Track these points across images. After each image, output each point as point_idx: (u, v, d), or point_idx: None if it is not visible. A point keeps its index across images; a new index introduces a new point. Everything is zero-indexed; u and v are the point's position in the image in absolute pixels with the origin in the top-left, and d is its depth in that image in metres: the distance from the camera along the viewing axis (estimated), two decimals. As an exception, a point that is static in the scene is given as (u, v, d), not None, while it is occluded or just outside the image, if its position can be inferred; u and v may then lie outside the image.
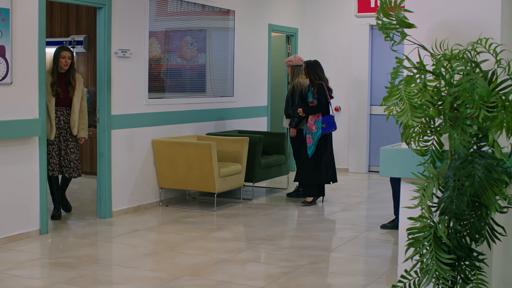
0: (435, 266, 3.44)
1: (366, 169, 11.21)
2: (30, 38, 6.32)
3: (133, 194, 7.72)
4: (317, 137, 8.17)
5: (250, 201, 8.53)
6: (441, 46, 3.59)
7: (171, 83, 8.44)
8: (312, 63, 8.33)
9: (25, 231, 6.37)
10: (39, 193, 6.49)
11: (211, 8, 9.00)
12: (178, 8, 8.46)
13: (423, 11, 3.76)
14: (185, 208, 8.03)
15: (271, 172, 8.92)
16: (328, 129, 8.23)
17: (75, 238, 6.48)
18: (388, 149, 3.99)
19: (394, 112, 3.60)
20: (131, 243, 6.36)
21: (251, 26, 9.97)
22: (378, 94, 11.16)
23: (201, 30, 8.92)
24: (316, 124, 8.19)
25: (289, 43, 11.24)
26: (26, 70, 6.28)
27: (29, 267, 5.48)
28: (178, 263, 5.64)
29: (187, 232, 6.77)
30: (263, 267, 5.60)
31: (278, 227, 7.14)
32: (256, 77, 10.25)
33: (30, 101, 6.35)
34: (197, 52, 8.83)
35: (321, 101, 8.19)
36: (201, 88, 8.99)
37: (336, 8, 11.27)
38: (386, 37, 3.65)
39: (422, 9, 3.74)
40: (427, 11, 3.79)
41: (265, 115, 10.50)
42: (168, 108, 8.25)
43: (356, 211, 8.04)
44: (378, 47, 11.12)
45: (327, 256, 5.96)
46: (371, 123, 11.22)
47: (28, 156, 6.36)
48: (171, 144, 7.94)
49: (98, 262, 5.70)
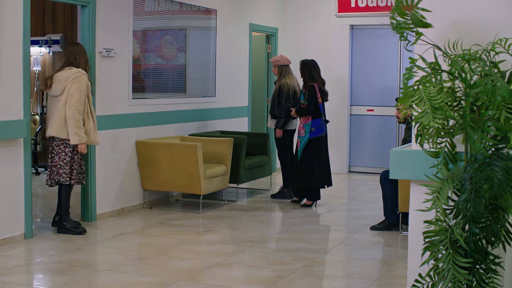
0: (452, 270, 3.39)
1: (347, 169, 11.18)
2: (15, 38, 6.13)
3: (117, 196, 7.56)
4: (304, 141, 8.01)
5: (234, 203, 8.42)
6: (455, 46, 3.53)
7: (151, 83, 8.26)
8: (308, 63, 8.14)
9: (10, 235, 6.18)
10: (24, 196, 6.30)
11: (193, 7, 8.87)
12: (158, 7, 8.31)
13: (436, 10, 3.69)
14: (169, 210, 7.90)
15: (255, 173, 8.83)
16: (316, 134, 8.11)
17: (61, 242, 6.31)
18: (398, 151, 3.92)
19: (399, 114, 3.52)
20: (119, 247, 6.21)
21: (232, 26, 9.86)
22: (359, 95, 11.14)
23: (181, 29, 8.77)
24: (305, 128, 8.04)
25: (269, 43, 11.16)
26: (11, 70, 6.09)
27: (19, 273, 5.31)
28: (171, 267, 5.51)
29: (175, 235, 6.64)
30: (259, 271, 5.50)
31: (267, 229, 7.06)
32: (237, 77, 10.15)
33: (15, 102, 6.16)
34: (177, 51, 8.68)
35: (310, 104, 8.02)
36: (182, 88, 8.85)
37: (316, 8, 11.21)
38: (401, 37, 3.56)
39: (434, 8, 3.67)
40: (440, 11, 3.72)
41: (246, 115, 10.40)
42: (151, 108, 8.10)
43: (342, 212, 7.99)
44: (358, 47, 11.09)
45: (321, 258, 5.89)
46: (351, 124, 11.19)
47: (12, 158, 6.17)
48: (156, 145, 7.80)
49: (89, 267, 5.54)
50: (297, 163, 8.13)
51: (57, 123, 6.38)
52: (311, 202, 8.21)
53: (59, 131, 6.38)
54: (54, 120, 6.40)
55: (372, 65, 11.04)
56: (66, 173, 6.43)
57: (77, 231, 6.55)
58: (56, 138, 6.44)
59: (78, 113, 6.32)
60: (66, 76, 6.36)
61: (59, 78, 6.38)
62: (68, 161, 6.43)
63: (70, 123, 6.32)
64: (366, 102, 11.12)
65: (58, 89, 6.37)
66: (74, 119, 6.31)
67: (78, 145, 6.41)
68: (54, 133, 6.39)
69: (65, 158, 6.43)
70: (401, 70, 10.82)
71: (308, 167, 8.08)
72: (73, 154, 6.46)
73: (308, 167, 8.08)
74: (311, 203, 8.20)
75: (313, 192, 8.19)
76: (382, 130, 11.01)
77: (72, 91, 6.32)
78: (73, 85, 6.33)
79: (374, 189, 9.59)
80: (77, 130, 6.33)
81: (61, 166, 6.43)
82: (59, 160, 6.43)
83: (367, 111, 11.10)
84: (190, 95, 8.94)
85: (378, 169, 11.01)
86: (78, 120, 6.33)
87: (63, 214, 6.56)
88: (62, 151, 6.43)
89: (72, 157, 6.47)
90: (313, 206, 8.20)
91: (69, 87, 6.33)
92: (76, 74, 6.35)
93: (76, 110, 6.30)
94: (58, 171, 6.45)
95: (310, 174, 8.07)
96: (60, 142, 6.43)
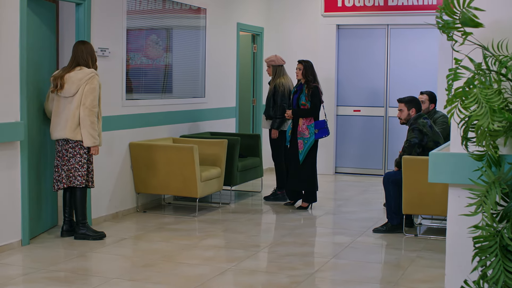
0: (504, 277, 3.29)
1: (333, 170, 11.09)
2: (12, 38, 5.88)
3: (111, 200, 7.34)
4: (310, 142, 7.83)
5: (228, 206, 8.26)
6: (499, 47, 3.44)
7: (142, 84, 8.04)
8: (311, 64, 7.96)
9: (7, 242, 5.93)
10: (21, 201, 6.05)
11: (183, 5, 8.67)
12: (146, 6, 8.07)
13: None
14: (164, 214, 7.70)
15: (248, 175, 8.67)
16: (321, 135, 7.97)
17: (60, 248, 6.08)
18: (437, 154, 3.81)
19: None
20: (122, 253, 6.01)
21: (221, 25, 9.69)
22: (345, 95, 11.06)
23: (170, 28, 8.54)
24: (309, 129, 7.84)
25: (255, 43, 11.01)
26: (7, 70, 5.84)
27: (23, 283, 5.07)
28: (182, 274, 5.33)
29: (177, 240, 6.45)
30: (273, 277, 5.35)
31: (268, 233, 6.92)
32: (226, 77, 9.98)
33: (12, 103, 5.91)
34: (165, 51, 8.44)
35: (316, 105, 7.86)
36: (173, 89, 8.64)
37: (302, 7, 11.10)
38: (448, 38, 3.44)
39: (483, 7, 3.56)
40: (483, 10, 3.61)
41: (234, 116, 10.24)
42: (143, 110, 7.89)
43: (340, 215, 7.88)
44: (345, 47, 11.02)
45: (332, 263, 5.76)
46: (338, 124, 11.11)
47: (9, 162, 5.92)
48: (150, 147, 7.59)
49: (95, 275, 5.33)
50: (300, 165, 7.92)
51: (70, 125, 6.14)
52: (307, 204, 8.08)
53: (73, 133, 6.16)
54: (66, 121, 6.16)
55: (359, 66, 10.98)
56: (82, 176, 6.22)
57: (97, 236, 6.35)
58: (71, 141, 6.20)
59: (93, 115, 6.13)
60: (80, 76, 6.14)
61: (72, 79, 6.14)
62: (84, 163, 6.23)
63: (85, 124, 6.11)
64: (353, 102, 11.05)
65: (71, 89, 6.14)
66: (90, 121, 6.11)
67: (92, 148, 6.21)
68: (67, 135, 6.16)
69: (81, 160, 6.22)
70: (388, 70, 10.78)
71: (311, 169, 7.95)
72: (88, 156, 6.27)
73: (311, 169, 7.95)
74: (307, 205, 8.07)
75: (312, 194, 8.06)
76: (369, 130, 10.95)
77: (87, 92, 6.11)
78: (87, 86, 6.12)
79: (366, 191, 9.55)
80: (92, 132, 6.14)
81: (77, 168, 6.22)
82: (75, 163, 6.21)
83: (354, 112, 11.04)
84: (180, 96, 8.74)
85: (364, 170, 10.98)
86: (93, 122, 6.14)
87: (80, 219, 6.34)
88: (77, 153, 6.21)
89: (88, 159, 6.28)
90: (309, 208, 8.08)
91: (83, 87, 6.12)
92: (90, 75, 6.14)
93: (91, 111, 6.11)
94: (73, 174, 6.22)
95: (312, 176, 7.94)
96: (74, 144, 6.21)
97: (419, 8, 10.40)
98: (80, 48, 6.27)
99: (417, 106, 7.00)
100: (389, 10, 10.54)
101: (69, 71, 6.20)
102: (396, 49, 10.76)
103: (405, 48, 10.71)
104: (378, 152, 10.91)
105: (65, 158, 6.23)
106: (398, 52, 10.75)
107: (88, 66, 6.24)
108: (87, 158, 6.27)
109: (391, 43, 10.78)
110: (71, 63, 6.25)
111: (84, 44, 6.33)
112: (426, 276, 5.35)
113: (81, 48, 6.27)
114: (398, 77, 10.76)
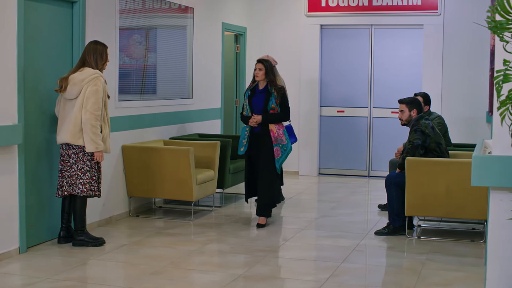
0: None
1: (317, 171, 11.00)
2: (9, 39, 5.62)
3: (105, 204, 7.11)
4: (289, 149, 7.21)
5: (220, 209, 8.09)
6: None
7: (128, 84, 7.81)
8: (270, 63, 7.27)
9: (5, 250, 5.67)
10: (18, 207, 5.80)
11: (172, 5, 8.47)
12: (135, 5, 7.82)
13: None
14: (157, 218, 7.51)
15: (239, 177, 8.52)
16: (293, 140, 7.87)
17: (60, 256, 5.84)
18: (481, 157, 3.73)
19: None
20: (126, 260, 5.80)
21: (207, 25, 9.52)
22: (328, 96, 10.98)
23: (154, 28, 8.30)
24: (285, 134, 7.20)
25: (237, 43, 10.86)
26: (4, 72, 5.59)
27: (31, 294, 4.84)
28: (193, 281, 5.17)
29: (179, 245, 6.27)
30: (290, 283, 5.22)
31: (271, 237, 6.77)
32: (211, 78, 9.80)
33: (9, 106, 5.65)
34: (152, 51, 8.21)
35: (288, 108, 7.23)
36: (161, 90, 8.42)
37: (285, 7, 10.99)
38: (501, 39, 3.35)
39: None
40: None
41: (219, 117, 10.07)
42: (135, 111, 7.67)
43: (336, 217, 7.77)
44: (328, 47, 10.93)
45: (343, 267, 5.64)
46: (321, 125, 11.03)
47: (6, 166, 5.66)
48: (144, 149, 7.38)
49: (104, 284, 5.11)
50: (278, 175, 7.37)
51: (72, 129, 5.86)
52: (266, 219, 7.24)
53: (74, 138, 5.86)
54: (68, 125, 5.89)
55: (343, 66, 10.91)
56: (84, 184, 5.95)
57: (97, 243, 6.12)
58: (73, 146, 5.94)
59: (95, 118, 5.83)
60: (82, 77, 5.87)
61: (74, 80, 5.87)
62: (87, 170, 5.96)
63: (86, 128, 5.83)
64: (337, 103, 10.98)
65: (74, 91, 5.87)
66: (91, 125, 5.82)
67: (95, 153, 5.94)
68: (68, 139, 5.88)
69: (83, 167, 5.95)
70: (372, 71, 10.73)
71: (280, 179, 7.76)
72: (92, 163, 5.99)
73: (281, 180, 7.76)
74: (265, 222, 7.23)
75: (273, 207, 7.34)
76: (353, 131, 10.89)
77: (89, 93, 5.83)
78: (89, 87, 5.85)
79: (354, 192, 9.48)
80: (94, 137, 5.85)
81: (79, 176, 5.94)
82: (77, 170, 5.94)
83: (338, 113, 10.97)
84: (168, 97, 8.53)
85: (348, 171, 10.91)
86: (95, 126, 5.84)
87: (79, 227, 6.09)
88: (80, 159, 5.94)
89: (93, 167, 6.00)
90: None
91: (85, 89, 5.84)
92: (92, 76, 5.87)
93: (92, 114, 5.82)
94: (75, 182, 5.95)
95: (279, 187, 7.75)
96: (78, 150, 5.93)
97: (403, 9, 10.38)
98: (88, 48, 6.02)
99: (418, 107, 6.94)
100: (373, 10, 10.50)
101: (73, 71, 5.96)
102: (380, 49, 10.72)
103: (389, 49, 10.68)
104: (362, 153, 10.86)
105: (67, 164, 5.97)
106: (382, 52, 10.71)
107: (93, 67, 5.98)
108: (91, 165, 5.99)
109: (375, 43, 10.74)
110: (78, 64, 6.00)
111: (95, 44, 6.08)
112: (443, 279, 5.27)
113: (89, 48, 6.02)
114: (382, 77, 10.72)
